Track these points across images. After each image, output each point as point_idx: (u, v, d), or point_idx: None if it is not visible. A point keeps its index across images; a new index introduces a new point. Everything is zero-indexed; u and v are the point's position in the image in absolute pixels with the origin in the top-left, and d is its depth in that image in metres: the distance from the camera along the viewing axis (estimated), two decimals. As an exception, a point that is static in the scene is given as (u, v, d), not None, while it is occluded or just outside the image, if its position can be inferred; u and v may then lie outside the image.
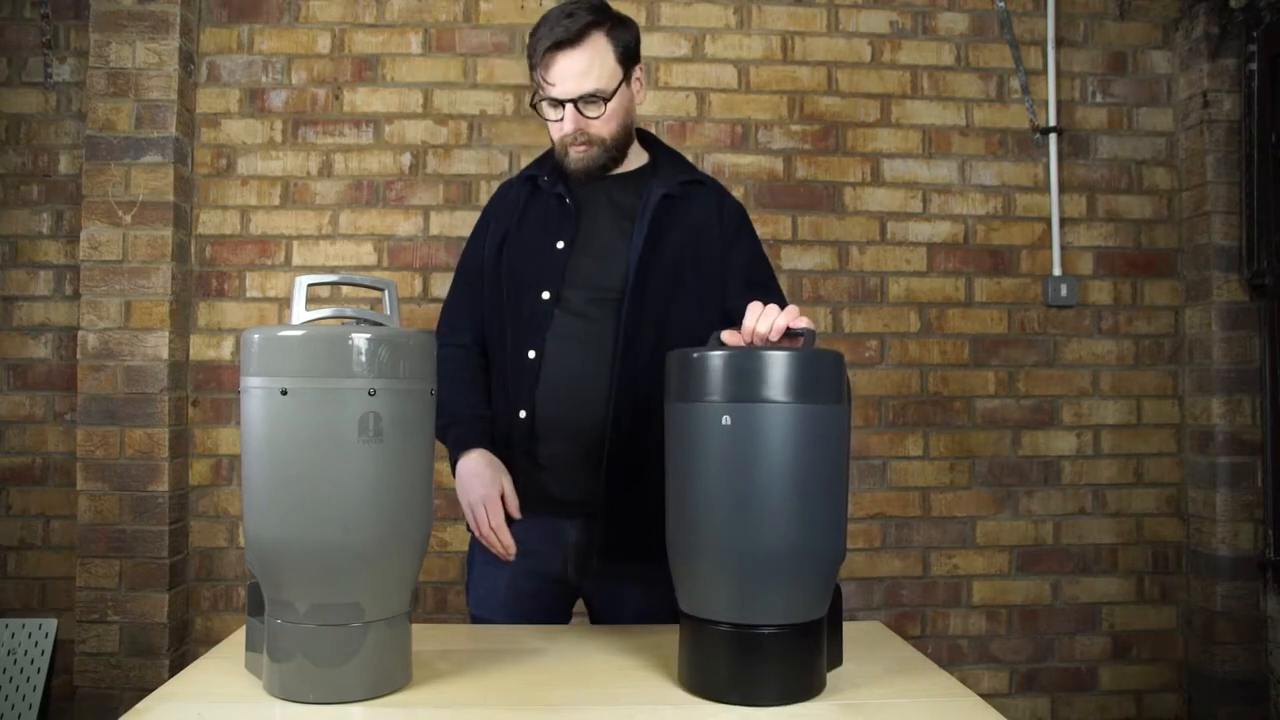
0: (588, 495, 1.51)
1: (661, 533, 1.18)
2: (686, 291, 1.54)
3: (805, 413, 1.07)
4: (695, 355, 1.11)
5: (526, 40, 1.56)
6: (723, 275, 1.57)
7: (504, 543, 1.48)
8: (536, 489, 1.53)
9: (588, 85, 1.47)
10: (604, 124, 1.51)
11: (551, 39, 1.46)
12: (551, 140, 1.56)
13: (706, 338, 1.29)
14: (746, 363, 1.08)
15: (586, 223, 1.56)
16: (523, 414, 1.52)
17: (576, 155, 1.53)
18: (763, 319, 1.20)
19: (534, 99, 1.53)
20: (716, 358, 1.09)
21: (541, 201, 1.60)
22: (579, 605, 1.64)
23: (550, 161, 1.61)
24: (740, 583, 1.09)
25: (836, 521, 1.13)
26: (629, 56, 1.53)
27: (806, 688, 1.11)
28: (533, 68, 1.51)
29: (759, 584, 1.08)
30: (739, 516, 1.07)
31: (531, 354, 1.52)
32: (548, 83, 1.48)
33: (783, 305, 1.46)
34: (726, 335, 1.26)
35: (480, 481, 1.50)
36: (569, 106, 1.48)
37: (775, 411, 1.06)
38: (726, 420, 1.07)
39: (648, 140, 1.67)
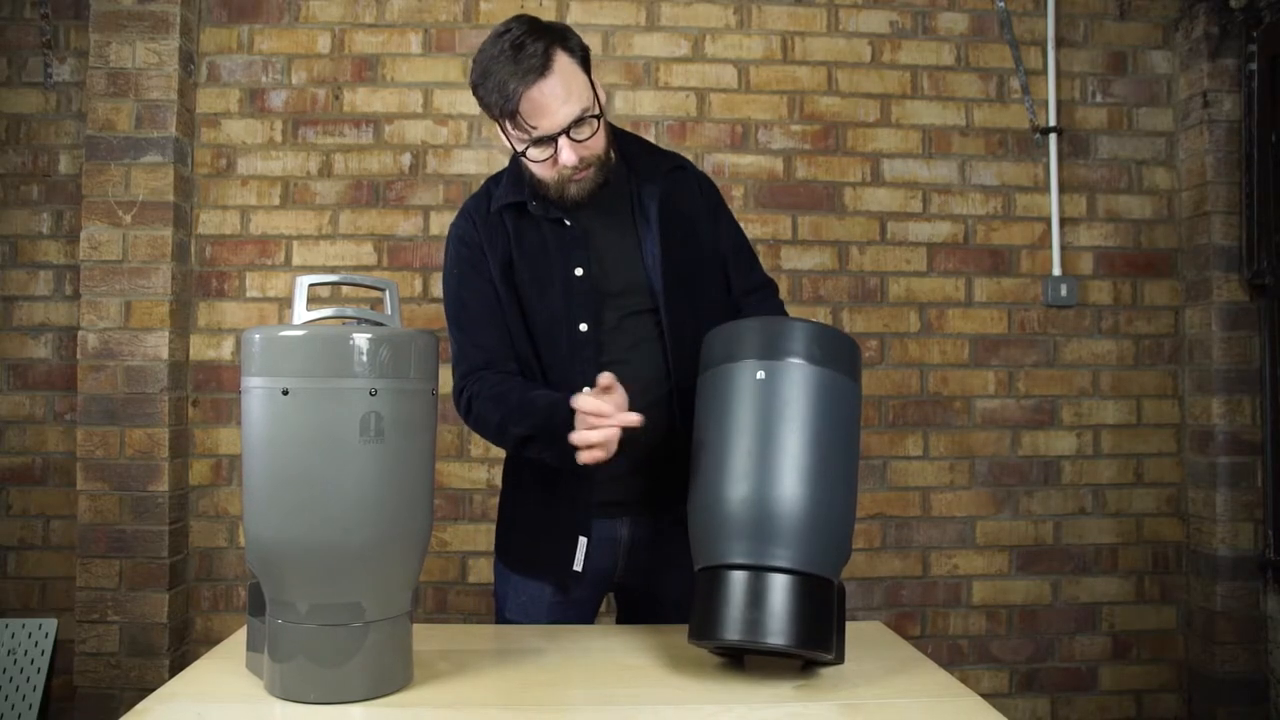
0: (644, 494, 1.50)
1: None
2: (702, 277, 1.54)
3: (827, 376, 1.19)
4: (734, 324, 1.27)
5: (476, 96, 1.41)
6: (719, 252, 1.59)
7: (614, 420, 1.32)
8: (598, 495, 1.48)
9: (574, 110, 1.36)
10: (598, 140, 1.42)
11: (521, 77, 1.33)
12: (538, 181, 1.45)
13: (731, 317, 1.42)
14: (781, 328, 1.22)
15: (594, 241, 1.50)
16: None
17: (578, 185, 1.43)
18: None
19: (520, 149, 1.40)
20: (755, 324, 1.25)
21: (534, 228, 1.50)
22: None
23: (523, 184, 1.50)
24: (758, 525, 1.13)
25: (847, 481, 1.21)
26: (587, 61, 1.42)
27: (814, 638, 1.12)
28: (505, 115, 1.37)
29: (776, 526, 1.13)
30: (763, 459, 1.16)
31: (586, 390, 1.45)
32: (530, 125, 1.36)
33: (761, 272, 1.66)
34: None
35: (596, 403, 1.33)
36: (561, 139, 1.37)
37: (802, 370, 1.18)
38: (761, 374, 1.18)
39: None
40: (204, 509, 2.59)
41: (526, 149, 1.40)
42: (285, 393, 1.04)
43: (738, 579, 1.13)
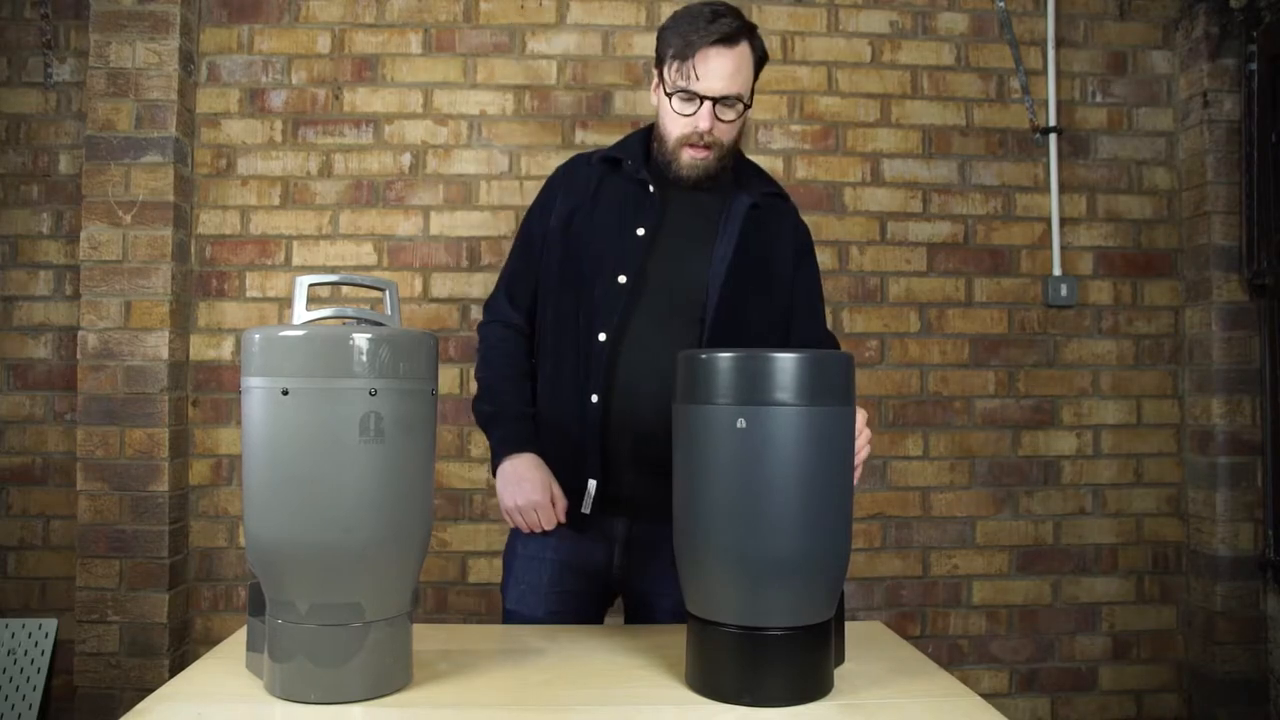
0: (642, 492, 1.50)
1: None
2: (763, 300, 1.55)
3: (818, 415, 1.07)
4: (706, 356, 1.10)
5: (665, 30, 1.53)
6: (790, 292, 1.60)
7: (546, 520, 1.49)
8: (597, 475, 1.51)
9: (734, 87, 1.48)
10: (731, 129, 1.51)
11: (711, 35, 1.45)
12: (663, 133, 1.54)
13: (775, 345, 1.36)
14: (761, 365, 1.07)
15: (669, 215, 1.54)
16: (595, 398, 1.49)
17: (691, 158, 1.51)
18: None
19: (670, 90, 1.50)
20: (730, 359, 1.08)
21: (619, 184, 1.57)
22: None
23: (635, 148, 1.59)
24: (750, 586, 1.09)
25: (844, 524, 1.13)
26: (761, 66, 1.55)
27: (814, 689, 1.11)
28: (675, 58, 1.48)
29: (769, 587, 1.08)
30: (751, 521, 1.07)
31: (602, 336, 1.49)
32: (696, 75, 1.46)
33: (826, 329, 1.61)
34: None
35: (532, 486, 1.48)
36: (706, 104, 1.47)
37: (789, 414, 1.06)
38: (742, 423, 1.06)
39: None
40: (204, 509, 2.59)
41: (675, 94, 1.49)
42: (285, 393, 1.04)
43: (732, 642, 1.09)
